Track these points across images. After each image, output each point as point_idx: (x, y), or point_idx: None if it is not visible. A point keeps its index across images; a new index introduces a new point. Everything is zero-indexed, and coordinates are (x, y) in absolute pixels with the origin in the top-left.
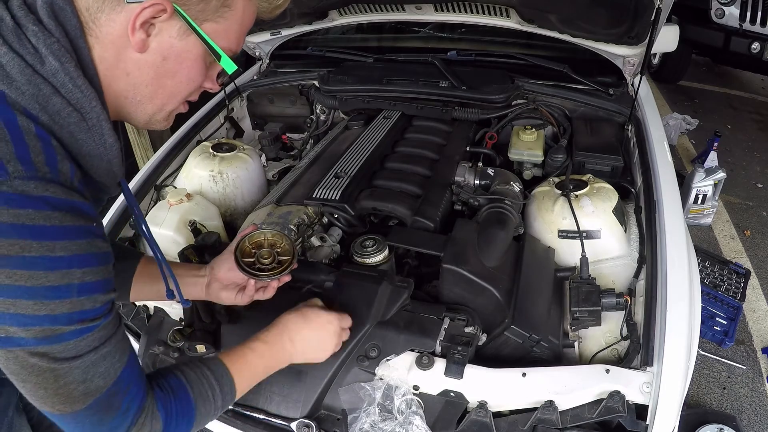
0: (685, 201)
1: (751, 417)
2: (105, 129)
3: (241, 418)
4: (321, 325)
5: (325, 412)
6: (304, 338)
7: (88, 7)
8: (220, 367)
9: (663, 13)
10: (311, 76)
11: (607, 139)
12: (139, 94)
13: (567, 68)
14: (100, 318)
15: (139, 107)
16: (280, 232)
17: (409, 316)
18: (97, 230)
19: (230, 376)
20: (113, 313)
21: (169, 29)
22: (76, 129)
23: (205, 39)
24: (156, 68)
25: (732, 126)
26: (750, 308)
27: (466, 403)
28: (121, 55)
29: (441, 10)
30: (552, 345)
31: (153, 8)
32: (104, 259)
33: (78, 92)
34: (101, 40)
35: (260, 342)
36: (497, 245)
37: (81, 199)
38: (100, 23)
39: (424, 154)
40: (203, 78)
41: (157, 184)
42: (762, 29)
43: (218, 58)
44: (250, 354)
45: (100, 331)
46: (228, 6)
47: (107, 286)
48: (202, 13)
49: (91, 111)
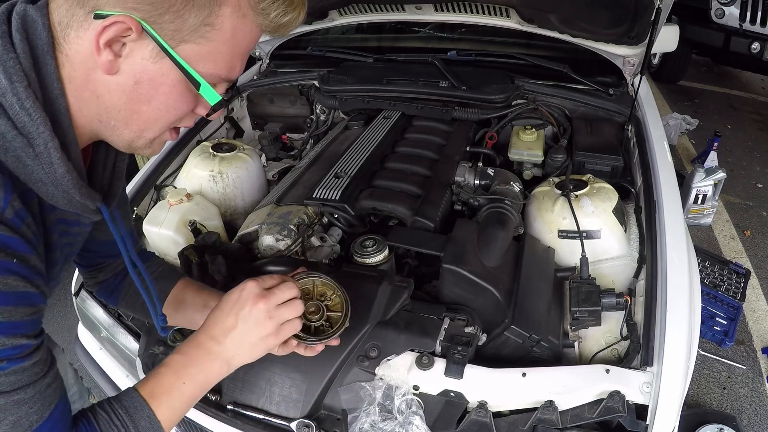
0: (685, 201)
1: (751, 417)
2: (54, 157)
3: (241, 418)
4: (233, 302)
5: (325, 412)
6: (227, 329)
7: (60, 21)
8: (135, 400)
9: (663, 13)
10: (311, 76)
11: (607, 139)
12: (113, 118)
13: (567, 68)
14: (3, 362)
15: (114, 132)
16: (332, 281)
17: (409, 316)
18: (18, 268)
19: (147, 408)
20: (33, 361)
21: (140, 50)
22: (23, 154)
23: (180, 63)
24: (128, 93)
25: (732, 126)
26: (750, 308)
27: (466, 403)
28: (90, 76)
29: (441, 10)
30: (552, 345)
31: (117, 26)
32: (16, 299)
33: (24, 115)
34: (71, 59)
35: (176, 354)
36: (497, 245)
37: (7, 232)
38: (69, 40)
39: (424, 154)
40: (190, 105)
41: (157, 184)
42: (762, 29)
43: (197, 86)
44: (166, 372)
45: (9, 375)
46: (211, 25)
47: (16, 329)
48: (178, 33)
49: (38, 137)
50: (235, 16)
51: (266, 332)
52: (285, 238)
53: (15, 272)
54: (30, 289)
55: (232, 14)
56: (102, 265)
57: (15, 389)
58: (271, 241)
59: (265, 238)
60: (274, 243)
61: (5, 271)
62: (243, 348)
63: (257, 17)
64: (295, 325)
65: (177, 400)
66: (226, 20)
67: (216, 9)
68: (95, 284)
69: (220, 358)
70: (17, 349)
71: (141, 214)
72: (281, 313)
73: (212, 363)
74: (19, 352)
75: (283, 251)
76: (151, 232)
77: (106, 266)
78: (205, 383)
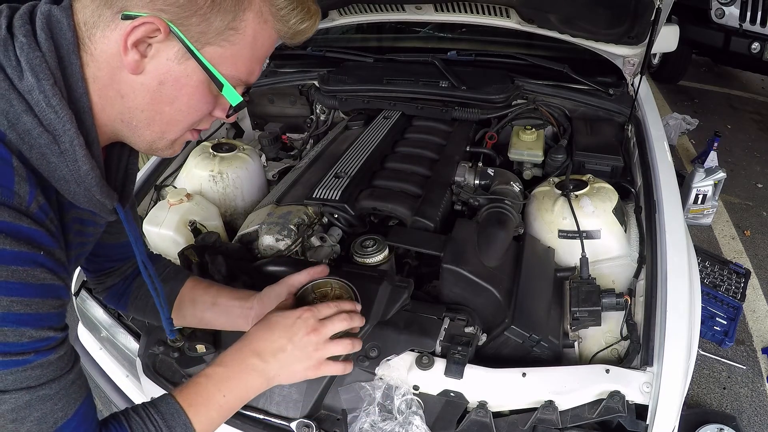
0: (685, 201)
1: (751, 417)
2: (79, 155)
3: (241, 418)
4: (288, 326)
5: (325, 412)
6: (276, 350)
7: (85, 21)
8: (171, 407)
9: (663, 13)
10: (311, 76)
11: (607, 139)
12: (135, 118)
13: (567, 68)
14: (30, 354)
15: (136, 132)
16: (347, 284)
17: (409, 316)
18: (45, 260)
19: (184, 416)
20: (58, 354)
21: (166, 51)
22: (48, 151)
23: (205, 64)
24: (152, 93)
25: (732, 126)
26: (750, 308)
27: (466, 403)
28: (115, 76)
29: (441, 10)
30: (552, 345)
31: (145, 27)
32: (43, 291)
33: (51, 113)
34: (96, 58)
35: (218, 367)
36: (497, 245)
37: (33, 225)
38: (95, 40)
39: (424, 154)
40: (209, 106)
41: (157, 184)
42: (762, 29)
43: (220, 87)
44: (206, 383)
45: (35, 369)
46: (235, 29)
47: (43, 322)
48: (204, 36)
49: (64, 134)
50: (257, 21)
51: (310, 363)
52: (285, 238)
53: (42, 264)
54: (56, 281)
55: (255, 19)
56: (110, 270)
57: (40, 384)
58: (271, 241)
59: (265, 238)
60: (274, 243)
61: (33, 264)
62: (285, 371)
63: (276, 23)
64: (338, 367)
65: (215, 411)
66: (249, 25)
67: (240, 14)
68: (104, 290)
69: (264, 376)
70: (44, 341)
71: (141, 214)
72: (329, 349)
73: (255, 379)
74: (46, 344)
75: (283, 251)
76: (151, 232)
77: (115, 270)
78: (245, 397)
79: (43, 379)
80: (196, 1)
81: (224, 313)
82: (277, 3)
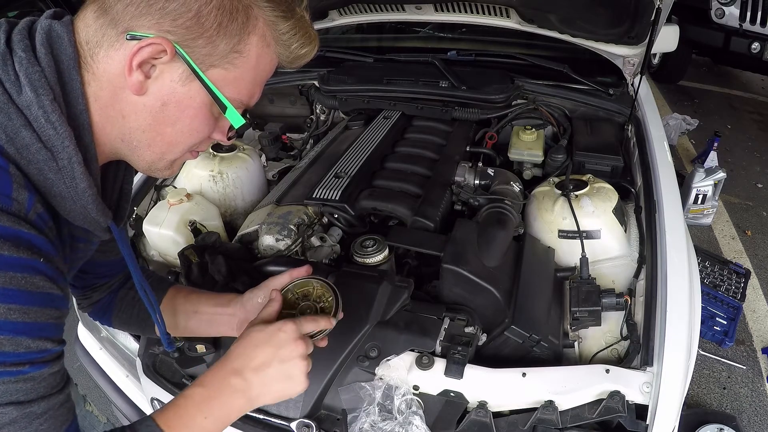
0: (685, 201)
1: (751, 417)
2: (77, 172)
3: (241, 418)
4: (267, 340)
5: (325, 412)
6: (257, 367)
7: (88, 40)
8: (151, 429)
9: (663, 13)
10: (311, 76)
11: (607, 139)
12: (136, 139)
13: (567, 68)
14: (25, 365)
15: (136, 152)
16: (329, 283)
17: (409, 316)
18: (45, 268)
19: None
20: (52, 370)
21: (170, 72)
22: (45, 167)
23: (210, 87)
24: (154, 114)
25: (732, 126)
26: (750, 308)
27: (466, 403)
28: (117, 96)
29: (441, 10)
30: (552, 345)
31: (152, 48)
32: (41, 300)
33: (50, 129)
34: (98, 78)
35: (198, 387)
36: (497, 245)
37: (32, 231)
38: (98, 59)
39: (424, 154)
40: (210, 129)
41: (157, 184)
42: (762, 29)
43: (223, 109)
44: (186, 405)
45: (27, 381)
46: (239, 52)
47: (40, 332)
48: (209, 58)
49: (62, 151)
50: (260, 45)
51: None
52: (285, 238)
53: (42, 272)
54: (55, 291)
55: (258, 43)
56: (96, 286)
57: (30, 400)
58: (271, 241)
59: (265, 238)
60: (274, 243)
61: (32, 270)
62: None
63: (278, 47)
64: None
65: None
66: (253, 48)
67: (245, 37)
68: (89, 305)
69: (245, 396)
70: (41, 353)
71: (141, 214)
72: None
73: (236, 399)
74: (42, 356)
75: (283, 251)
76: (151, 232)
77: (101, 286)
78: (227, 419)
79: (33, 395)
80: (203, 24)
81: (207, 322)
82: (280, 28)
